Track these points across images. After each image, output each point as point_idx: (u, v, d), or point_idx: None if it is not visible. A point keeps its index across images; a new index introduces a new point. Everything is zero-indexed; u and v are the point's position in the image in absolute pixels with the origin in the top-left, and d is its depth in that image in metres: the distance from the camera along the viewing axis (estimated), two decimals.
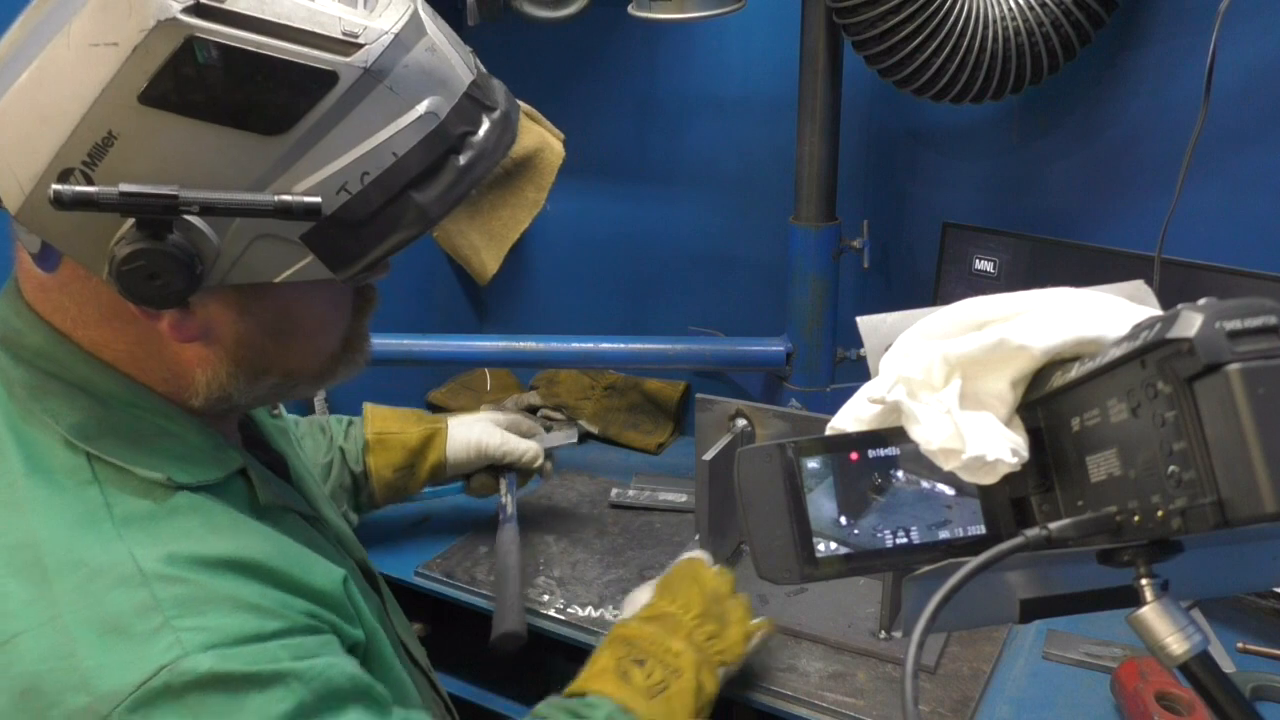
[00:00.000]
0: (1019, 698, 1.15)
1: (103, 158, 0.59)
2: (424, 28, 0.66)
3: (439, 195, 0.67)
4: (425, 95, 0.66)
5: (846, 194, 1.47)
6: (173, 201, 0.59)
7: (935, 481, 0.54)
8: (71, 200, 0.57)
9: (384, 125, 0.64)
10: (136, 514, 0.66)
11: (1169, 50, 1.31)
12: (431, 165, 0.66)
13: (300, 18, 0.61)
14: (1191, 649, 0.44)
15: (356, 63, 0.62)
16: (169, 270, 0.61)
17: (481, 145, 0.69)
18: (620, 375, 1.86)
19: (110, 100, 0.58)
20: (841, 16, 1.25)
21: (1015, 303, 0.53)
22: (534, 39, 1.76)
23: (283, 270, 0.66)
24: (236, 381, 0.72)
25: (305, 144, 0.62)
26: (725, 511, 1.33)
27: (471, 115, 0.69)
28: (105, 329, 0.69)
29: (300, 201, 0.61)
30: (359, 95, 0.63)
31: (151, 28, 0.57)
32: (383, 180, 0.65)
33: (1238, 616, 1.25)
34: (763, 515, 0.53)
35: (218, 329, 0.69)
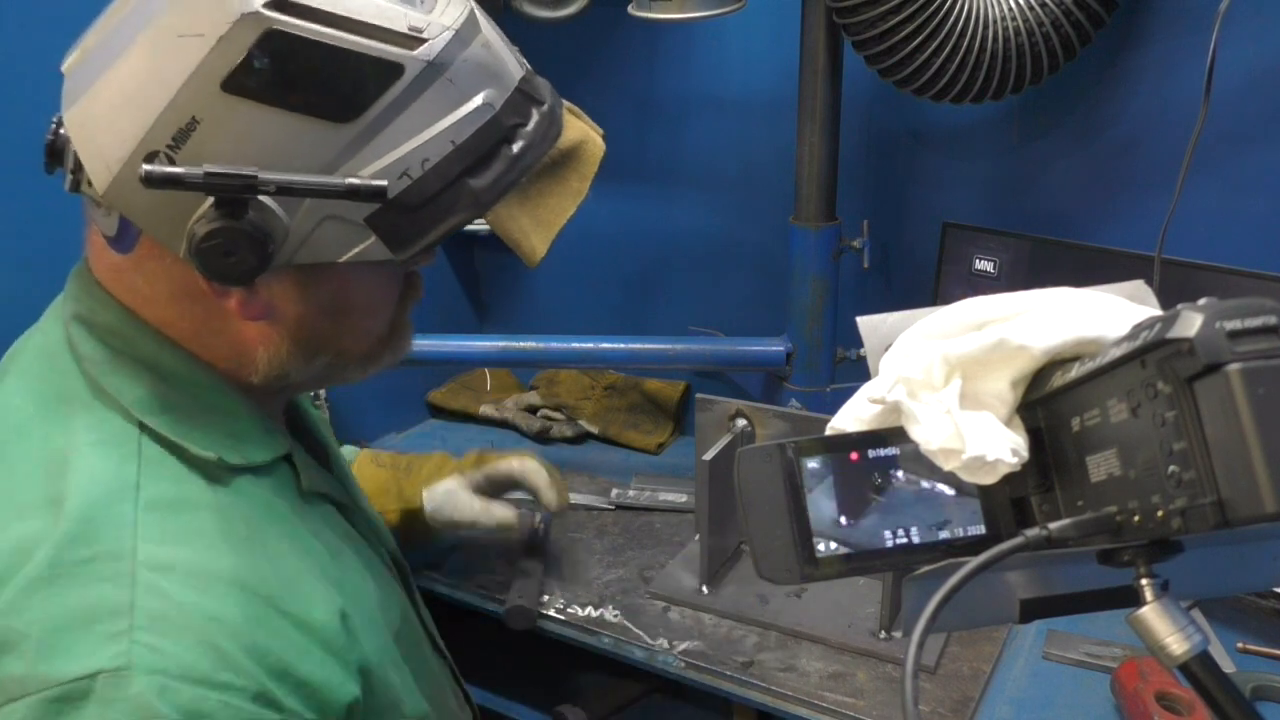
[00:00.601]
0: (1019, 698, 1.15)
1: (186, 141, 0.63)
2: (479, 25, 0.70)
3: (492, 181, 0.71)
4: (481, 88, 0.69)
5: (846, 194, 1.47)
6: (252, 181, 0.62)
7: (935, 481, 0.54)
8: (160, 179, 0.61)
9: (443, 115, 0.68)
10: (162, 500, 0.68)
11: (1169, 50, 1.31)
12: (486, 153, 0.70)
13: (370, 13, 0.64)
14: (1191, 649, 0.44)
15: (421, 56, 0.66)
16: (244, 248, 0.65)
17: (531, 136, 0.73)
18: (620, 375, 1.86)
19: (194, 87, 0.62)
20: (841, 16, 1.25)
21: (1015, 303, 0.53)
22: (534, 39, 1.76)
23: (347, 251, 0.69)
24: (295, 359, 0.75)
25: (371, 131, 0.66)
26: (725, 511, 1.33)
27: (522, 108, 0.73)
28: (174, 307, 0.73)
29: (368, 185, 0.65)
30: (422, 86, 0.66)
31: (235, 19, 0.61)
32: (441, 166, 0.68)
33: (1238, 616, 1.25)
34: (763, 515, 0.53)
35: (281, 307, 0.73)
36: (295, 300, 0.73)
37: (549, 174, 0.77)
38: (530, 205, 0.77)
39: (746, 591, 1.33)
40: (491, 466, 1.32)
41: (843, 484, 0.53)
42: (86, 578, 0.63)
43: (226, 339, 0.74)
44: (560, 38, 1.71)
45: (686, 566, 1.38)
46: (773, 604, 1.30)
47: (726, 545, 1.38)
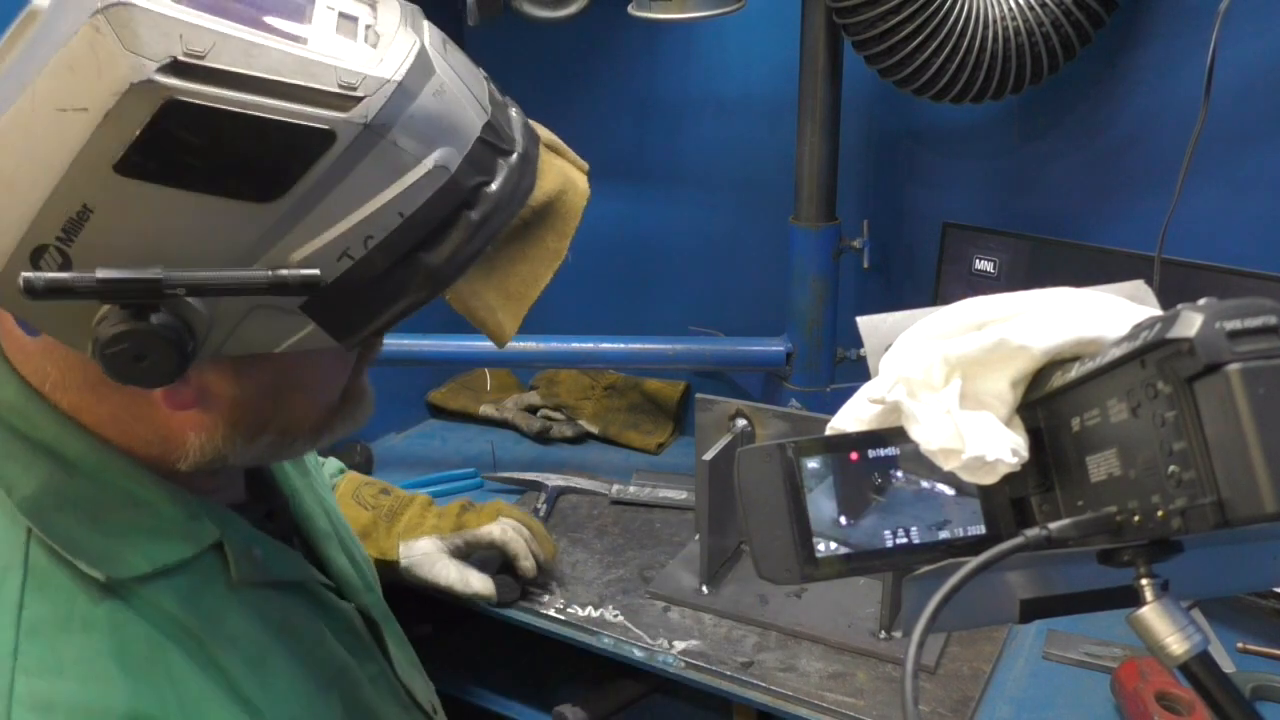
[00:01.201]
0: (1019, 698, 1.15)
1: (79, 232, 0.53)
2: (431, 66, 0.60)
3: (451, 255, 0.61)
4: (434, 147, 0.59)
5: (846, 194, 1.47)
6: (156, 285, 0.53)
7: (935, 481, 0.54)
8: (44, 289, 0.52)
9: (388, 183, 0.58)
10: (47, 622, 0.61)
11: (1169, 50, 1.31)
12: (441, 223, 0.60)
13: (290, 70, 0.54)
14: (1191, 649, 0.44)
15: (355, 119, 0.56)
16: (157, 351, 0.56)
17: (498, 196, 0.63)
18: (620, 375, 1.86)
19: (82, 171, 0.52)
20: (841, 16, 1.25)
21: (1015, 303, 0.53)
22: (534, 39, 1.76)
23: (282, 340, 0.61)
24: (232, 444, 0.67)
25: (301, 209, 0.56)
26: (725, 511, 1.33)
27: (486, 163, 0.63)
28: (89, 394, 0.65)
29: (297, 275, 0.56)
30: (359, 153, 0.56)
31: (124, 91, 0.51)
32: (388, 243, 0.59)
33: (1238, 616, 1.25)
34: (763, 515, 0.53)
35: (214, 394, 0.64)
36: (230, 384, 0.64)
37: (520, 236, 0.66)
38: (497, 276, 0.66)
39: (746, 591, 1.33)
40: (471, 534, 1.29)
41: (843, 484, 0.53)
42: None
43: (151, 426, 0.66)
44: (560, 38, 1.71)
45: (687, 566, 1.38)
46: (773, 604, 1.30)
47: (727, 545, 1.38)
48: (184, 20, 0.52)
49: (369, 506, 1.27)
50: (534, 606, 1.31)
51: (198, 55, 0.52)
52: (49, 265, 0.54)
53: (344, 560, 0.89)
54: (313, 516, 0.88)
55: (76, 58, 0.52)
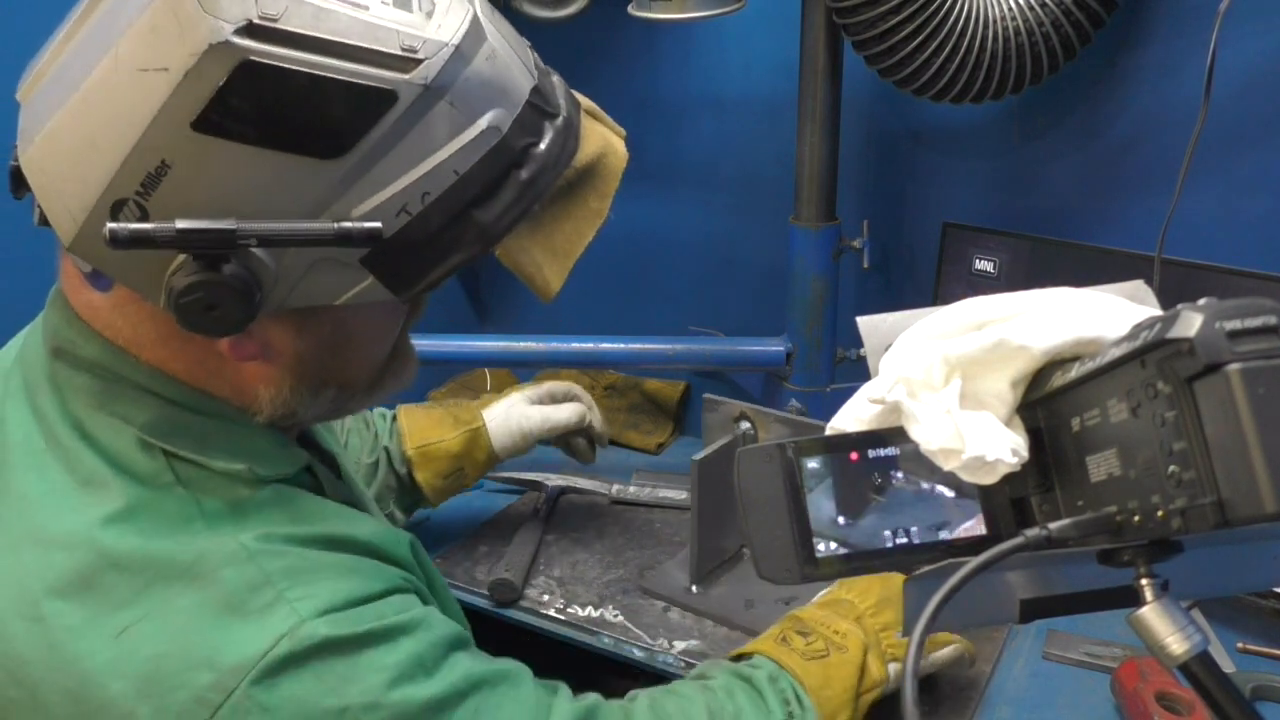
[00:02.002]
0: (1019, 698, 1.15)
1: (156, 187, 0.57)
2: (484, 33, 0.63)
3: (501, 212, 0.65)
4: (487, 109, 0.63)
5: (846, 194, 1.47)
6: (230, 236, 0.57)
7: (935, 481, 0.54)
8: (128, 239, 0.56)
9: (445, 143, 0.62)
10: (225, 508, 0.67)
11: (1169, 50, 1.31)
12: (493, 182, 0.64)
13: (357, 34, 0.58)
14: (1191, 649, 0.44)
15: (416, 80, 0.59)
16: (227, 300, 0.60)
17: (544, 157, 0.67)
18: (620, 375, 1.86)
19: (162, 128, 0.56)
20: (841, 16, 1.25)
21: (1015, 303, 0.53)
22: (534, 39, 1.76)
23: (342, 293, 0.65)
24: (300, 396, 0.72)
25: (364, 165, 0.60)
26: (719, 512, 1.32)
27: (534, 125, 0.66)
28: (163, 349, 0.68)
29: (360, 228, 0.60)
30: (419, 113, 0.60)
31: (204, 51, 0.55)
32: (444, 200, 0.63)
33: (1238, 616, 1.25)
34: (763, 515, 0.53)
35: (277, 347, 0.69)
36: (292, 339, 0.69)
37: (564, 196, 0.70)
38: (543, 234, 0.70)
39: (735, 594, 1.31)
40: (549, 385, 1.37)
41: (843, 484, 0.53)
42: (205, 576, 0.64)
43: (225, 379, 0.70)
44: (560, 38, 1.71)
45: (682, 566, 1.37)
46: (758, 608, 1.27)
47: (724, 547, 1.37)
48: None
49: (436, 406, 1.34)
50: (534, 606, 1.31)
51: (271, 18, 0.56)
52: (128, 218, 0.58)
53: (382, 517, 0.93)
54: (354, 477, 0.93)
55: (159, 20, 0.55)
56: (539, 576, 1.38)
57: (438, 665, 0.69)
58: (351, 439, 1.25)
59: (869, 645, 0.98)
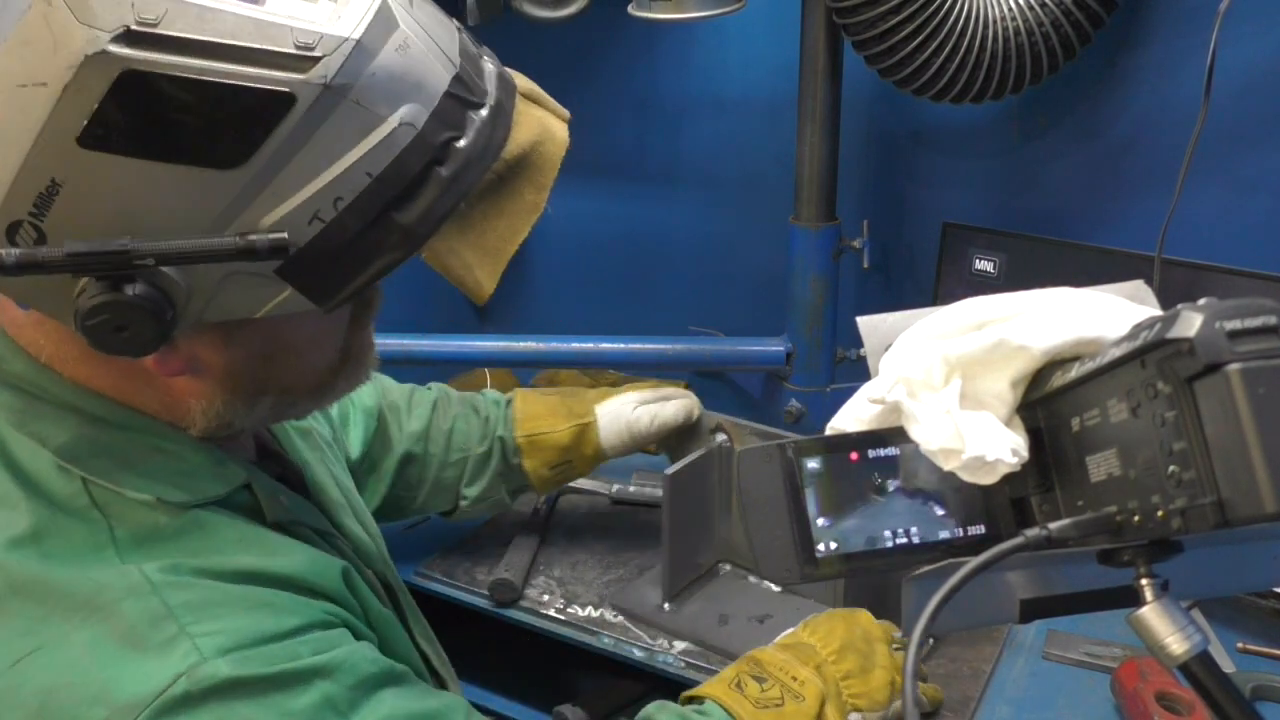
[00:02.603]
0: (1019, 698, 1.15)
1: (49, 207, 0.54)
2: (394, 21, 0.58)
3: (423, 213, 0.61)
4: (399, 103, 0.58)
5: (846, 194, 1.47)
6: (124, 257, 0.54)
7: (935, 482, 0.54)
8: (15, 265, 0.53)
9: (354, 144, 0.57)
10: (139, 535, 0.65)
11: (1169, 50, 1.31)
12: (413, 181, 0.60)
13: (246, 33, 0.54)
14: (1191, 649, 0.44)
15: (314, 79, 0.55)
16: (136, 321, 0.56)
17: (469, 151, 0.62)
18: (620, 375, 1.86)
19: (47, 146, 0.52)
20: (841, 16, 1.25)
21: (1015, 303, 0.53)
22: (534, 39, 1.76)
23: (262, 305, 0.61)
24: (233, 408, 0.69)
25: (267, 173, 0.56)
26: (696, 528, 1.30)
27: (455, 117, 0.61)
28: (86, 366, 0.66)
29: (265, 240, 0.56)
30: (322, 114, 0.56)
31: (80, 63, 0.51)
32: (358, 204, 0.58)
33: (1238, 616, 1.25)
34: (763, 515, 0.53)
35: (204, 360, 0.66)
36: (220, 352, 0.66)
37: (495, 190, 0.65)
38: (474, 232, 0.64)
39: (708, 611, 1.28)
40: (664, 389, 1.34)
41: (843, 484, 0.53)
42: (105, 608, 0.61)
43: (153, 394, 0.68)
44: (560, 38, 1.71)
45: (654, 583, 1.32)
46: (732, 626, 1.25)
47: (697, 563, 1.34)
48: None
49: (552, 391, 1.32)
50: (534, 606, 1.31)
51: (150, 23, 0.52)
52: (24, 241, 0.55)
53: (359, 530, 0.90)
54: (326, 487, 0.89)
55: (32, 32, 0.51)
56: (539, 576, 1.37)
57: (355, 708, 0.65)
58: (458, 425, 1.24)
59: (827, 696, 0.93)
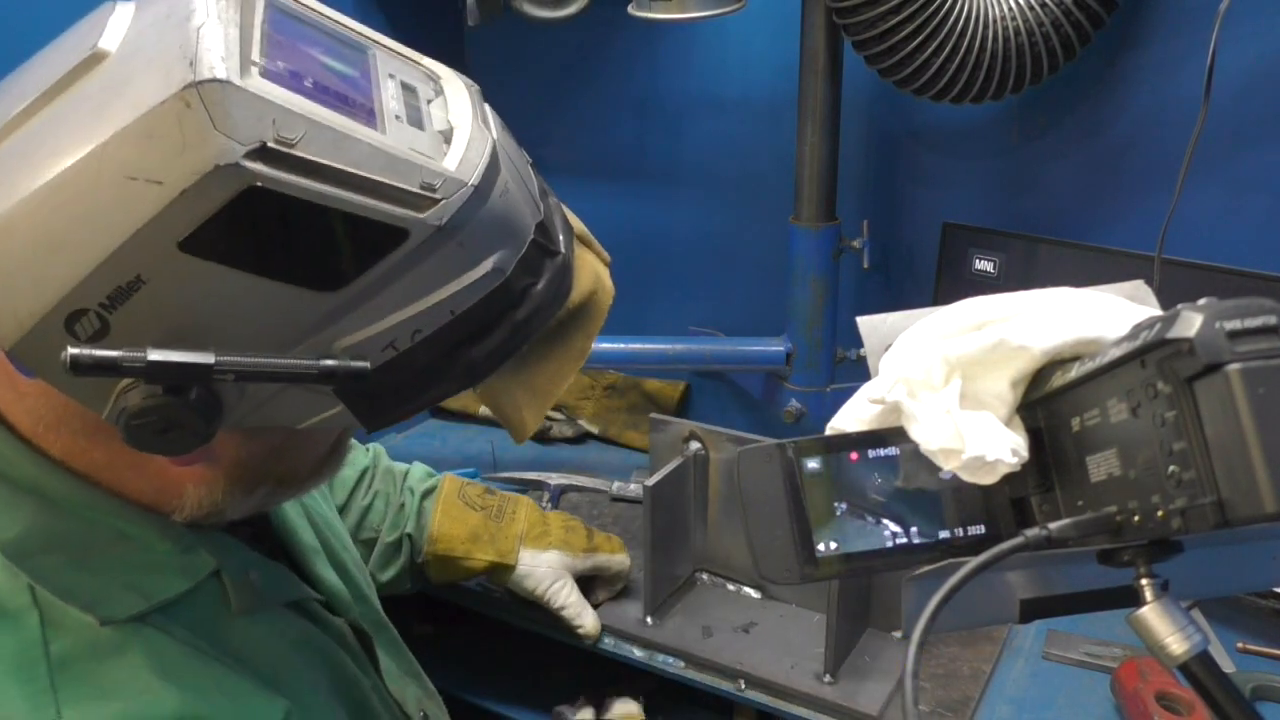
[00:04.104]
0: (1019, 698, 1.15)
1: (125, 302, 0.51)
2: (499, 165, 0.59)
3: (491, 352, 0.61)
4: (494, 249, 0.58)
5: (846, 194, 1.47)
6: (207, 371, 0.52)
7: (935, 482, 0.53)
8: (90, 366, 0.50)
9: (446, 282, 0.57)
10: (75, 654, 0.60)
11: (1169, 50, 1.31)
12: (489, 322, 0.60)
13: (378, 167, 0.53)
14: (1191, 649, 0.44)
15: (431, 220, 0.55)
16: (186, 425, 0.54)
17: (541, 297, 0.62)
18: (620, 375, 1.86)
19: (144, 243, 0.49)
20: (841, 16, 1.25)
21: (1015, 303, 0.53)
22: (534, 39, 1.76)
23: (308, 418, 0.60)
24: (232, 497, 0.66)
25: (359, 299, 0.55)
26: (675, 539, 1.30)
27: (535, 265, 0.62)
28: (85, 439, 0.62)
29: (347, 366, 0.55)
30: (427, 252, 0.55)
31: (209, 171, 0.48)
32: (434, 338, 0.58)
33: (1238, 616, 1.25)
34: (763, 515, 0.53)
35: (219, 453, 0.63)
36: (238, 446, 0.63)
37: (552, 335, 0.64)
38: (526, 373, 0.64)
39: (691, 624, 1.27)
40: (604, 559, 1.26)
41: (843, 484, 0.53)
42: None
43: (147, 476, 0.64)
44: (560, 38, 1.71)
45: (634, 595, 1.31)
46: (717, 637, 1.24)
47: (676, 574, 1.34)
48: (278, 104, 0.50)
49: (477, 507, 1.23)
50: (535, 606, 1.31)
51: (289, 143, 0.50)
52: (84, 331, 0.51)
53: (332, 575, 0.87)
54: (296, 531, 0.86)
55: (159, 127, 0.49)
56: None
57: None
58: (375, 503, 1.18)
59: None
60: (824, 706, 1.14)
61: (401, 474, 1.24)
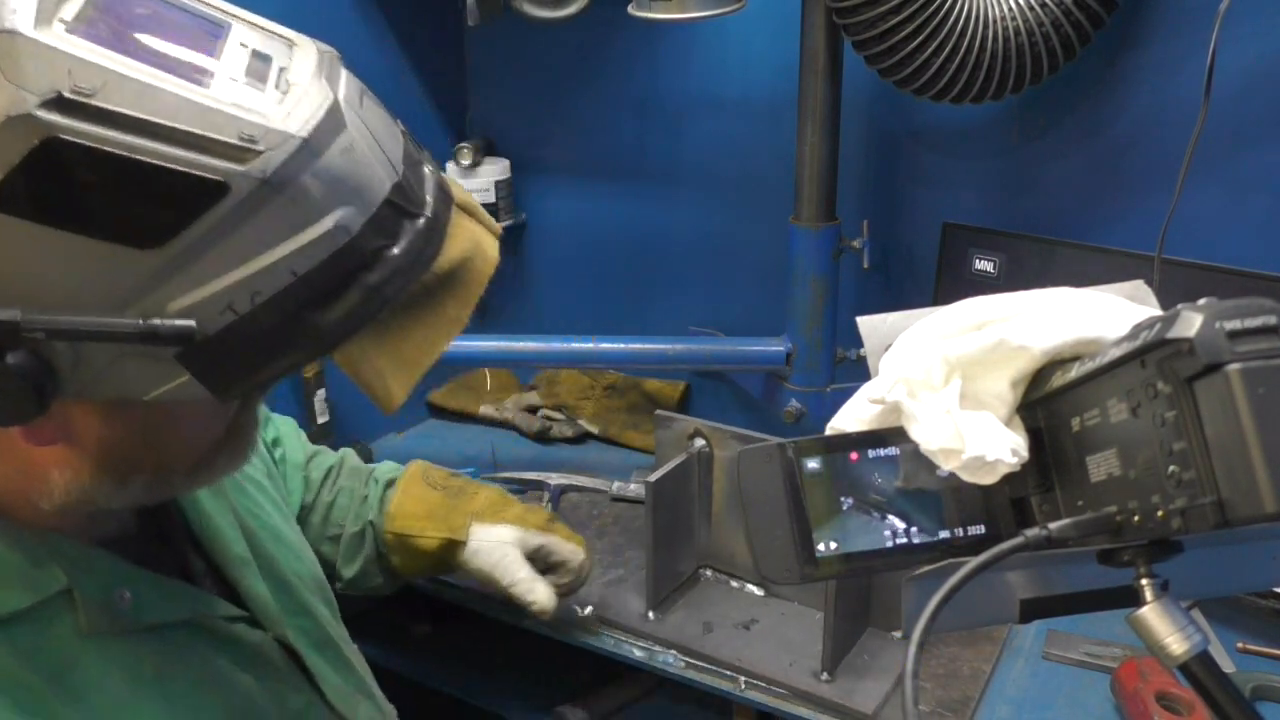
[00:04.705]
0: (1019, 698, 1.15)
1: None
2: (343, 122, 0.56)
3: (342, 317, 0.58)
4: (335, 206, 0.56)
5: (846, 194, 1.47)
6: (13, 328, 0.51)
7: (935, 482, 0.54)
8: None
9: (282, 240, 0.55)
10: None
11: (1169, 50, 1.31)
12: (336, 285, 0.57)
13: (186, 116, 0.51)
14: (1191, 649, 0.44)
15: (253, 172, 0.52)
16: (13, 392, 0.52)
17: (399, 261, 0.59)
18: (620, 375, 1.86)
19: None
20: (841, 16, 1.25)
21: (1015, 303, 0.53)
22: (534, 39, 1.76)
23: (154, 388, 0.57)
24: (100, 485, 0.63)
25: (186, 258, 0.53)
26: (678, 535, 1.30)
27: (391, 226, 0.59)
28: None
29: (170, 326, 0.53)
30: (254, 207, 0.53)
31: (1, 124, 0.48)
32: (276, 301, 0.55)
33: (1238, 616, 1.25)
34: (763, 515, 0.53)
35: (79, 432, 0.60)
36: (97, 424, 0.60)
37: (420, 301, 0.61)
38: (391, 341, 0.61)
39: (692, 619, 1.28)
40: (557, 542, 1.19)
41: (843, 484, 0.53)
42: None
43: (10, 460, 0.62)
44: (560, 38, 1.71)
45: (636, 591, 1.33)
46: (717, 634, 1.25)
47: (679, 570, 1.34)
48: (74, 54, 0.49)
49: (438, 487, 1.19)
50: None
51: (85, 93, 0.49)
52: None
53: (262, 588, 0.83)
54: (224, 541, 0.82)
55: None
56: None
57: None
58: (340, 499, 1.16)
59: None
60: (820, 704, 1.14)
61: (368, 470, 1.21)
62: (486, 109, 1.85)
